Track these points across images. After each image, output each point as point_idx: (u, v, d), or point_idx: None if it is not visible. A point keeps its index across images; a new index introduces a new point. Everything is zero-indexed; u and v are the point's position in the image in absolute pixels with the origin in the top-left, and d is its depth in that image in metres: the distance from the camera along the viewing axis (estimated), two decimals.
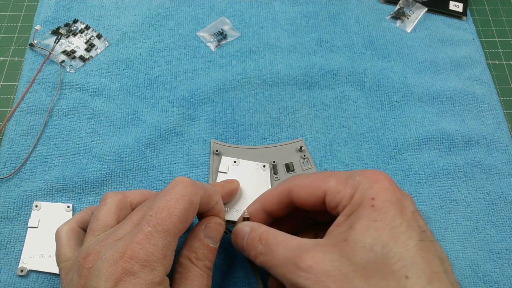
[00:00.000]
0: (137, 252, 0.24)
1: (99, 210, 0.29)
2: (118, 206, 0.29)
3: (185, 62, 0.44)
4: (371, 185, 0.26)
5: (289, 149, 0.40)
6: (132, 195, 0.30)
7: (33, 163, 0.38)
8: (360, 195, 0.26)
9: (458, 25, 0.49)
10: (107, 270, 0.24)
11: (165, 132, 0.40)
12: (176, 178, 0.27)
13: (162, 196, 0.26)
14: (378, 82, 0.44)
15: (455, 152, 0.40)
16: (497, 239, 0.36)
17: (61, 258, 0.28)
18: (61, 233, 0.29)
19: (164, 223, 0.25)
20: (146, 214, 0.25)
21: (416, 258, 0.23)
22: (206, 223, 0.30)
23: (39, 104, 0.41)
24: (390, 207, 0.25)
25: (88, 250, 0.25)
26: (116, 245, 0.25)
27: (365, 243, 0.23)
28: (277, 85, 0.43)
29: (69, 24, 0.45)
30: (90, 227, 0.28)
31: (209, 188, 0.29)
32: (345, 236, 0.24)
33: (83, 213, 0.31)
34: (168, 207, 0.25)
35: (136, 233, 0.25)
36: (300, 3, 0.49)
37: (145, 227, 0.25)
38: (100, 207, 0.29)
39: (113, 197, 0.29)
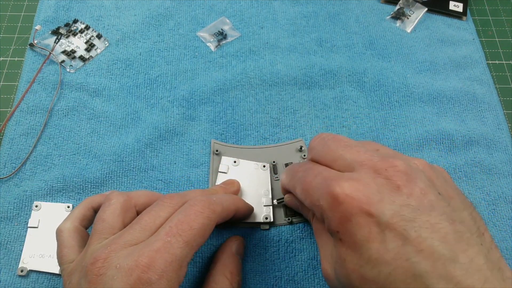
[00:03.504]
0: (154, 261, 0.24)
1: (104, 211, 0.28)
2: (123, 208, 0.28)
3: (185, 62, 0.44)
4: (333, 214, 0.24)
5: (289, 149, 0.40)
6: (136, 197, 0.30)
7: (33, 163, 0.38)
8: (327, 225, 0.25)
9: (458, 25, 0.49)
10: (122, 280, 0.23)
11: (165, 132, 0.40)
12: (195, 198, 0.28)
13: (182, 211, 0.26)
14: (378, 82, 0.44)
15: (455, 152, 0.40)
16: (497, 239, 0.36)
17: (64, 259, 0.28)
18: (63, 233, 0.29)
19: (185, 234, 0.25)
20: (165, 225, 0.26)
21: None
22: (235, 240, 0.31)
23: (39, 104, 0.41)
24: (355, 242, 0.23)
25: (96, 255, 0.25)
26: (131, 252, 0.24)
27: (344, 282, 0.24)
28: (277, 85, 0.43)
29: (69, 24, 0.45)
30: (95, 228, 0.27)
31: (226, 203, 0.29)
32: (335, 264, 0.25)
33: (83, 210, 0.31)
34: (188, 220, 0.26)
35: (153, 242, 0.25)
36: (300, 3, 0.49)
37: (164, 237, 0.25)
38: (105, 208, 0.28)
39: (118, 198, 0.29)
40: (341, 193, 0.23)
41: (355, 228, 0.22)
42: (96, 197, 0.32)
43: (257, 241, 0.36)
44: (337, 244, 0.24)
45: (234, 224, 0.36)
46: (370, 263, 0.22)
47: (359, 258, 0.22)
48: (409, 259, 0.21)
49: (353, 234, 0.23)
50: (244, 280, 0.34)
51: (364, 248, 0.22)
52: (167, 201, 0.28)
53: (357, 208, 0.23)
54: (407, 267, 0.21)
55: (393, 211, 0.22)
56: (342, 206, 0.23)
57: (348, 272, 0.23)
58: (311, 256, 0.35)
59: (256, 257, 0.35)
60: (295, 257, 0.35)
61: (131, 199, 0.29)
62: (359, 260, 0.22)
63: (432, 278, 0.20)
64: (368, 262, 0.22)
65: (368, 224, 0.22)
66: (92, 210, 0.31)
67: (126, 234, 0.26)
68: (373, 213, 0.22)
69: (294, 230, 0.36)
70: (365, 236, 0.22)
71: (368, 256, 0.22)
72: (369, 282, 0.22)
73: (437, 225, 0.22)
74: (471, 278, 0.20)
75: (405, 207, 0.22)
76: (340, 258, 0.23)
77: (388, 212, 0.22)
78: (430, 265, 0.21)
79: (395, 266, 0.21)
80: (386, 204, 0.22)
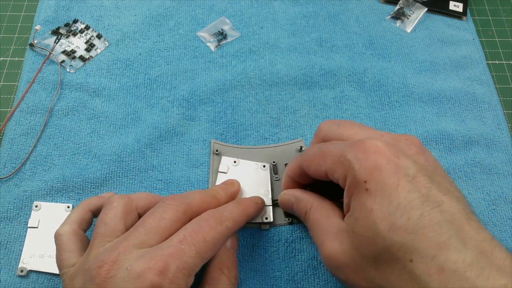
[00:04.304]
0: (167, 266, 0.24)
1: (106, 214, 0.28)
2: (125, 211, 0.28)
3: (185, 62, 0.44)
4: (361, 164, 0.25)
5: (289, 149, 0.40)
6: (137, 199, 0.30)
7: (33, 163, 0.38)
8: (352, 178, 0.25)
9: (458, 25, 0.49)
10: (133, 282, 0.23)
11: (165, 132, 0.40)
12: (207, 213, 0.28)
13: (195, 222, 0.27)
14: (378, 82, 0.44)
15: (455, 152, 0.40)
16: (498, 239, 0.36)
17: (64, 263, 0.27)
18: (63, 236, 0.29)
19: (198, 245, 0.25)
20: (179, 233, 0.26)
21: (416, 239, 0.22)
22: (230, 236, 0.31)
23: (39, 104, 0.41)
24: (384, 189, 0.24)
25: (103, 258, 0.25)
26: (143, 255, 0.24)
27: (368, 237, 0.24)
28: (277, 85, 0.43)
29: (69, 24, 0.45)
30: (97, 232, 0.27)
31: (237, 217, 0.30)
32: (353, 227, 0.25)
33: (80, 213, 0.30)
34: (202, 232, 0.26)
35: (165, 247, 0.25)
36: (300, 3, 0.49)
37: (177, 244, 0.25)
38: (107, 211, 0.28)
39: (119, 201, 0.28)
40: (372, 145, 0.25)
41: (385, 176, 0.24)
42: (94, 200, 0.32)
43: (257, 241, 0.36)
44: (362, 196, 0.24)
45: None
46: (399, 210, 0.23)
47: (388, 205, 0.23)
48: (434, 207, 0.23)
49: (382, 182, 0.24)
50: (244, 280, 0.34)
51: (393, 196, 0.23)
52: (170, 202, 0.28)
53: (387, 158, 0.24)
54: (434, 213, 0.23)
55: (416, 168, 0.24)
56: (373, 156, 0.25)
57: (375, 222, 0.23)
58: (311, 256, 0.35)
59: (256, 257, 0.35)
60: (295, 257, 0.35)
61: (132, 201, 0.29)
62: (388, 207, 0.23)
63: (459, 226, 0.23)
64: (397, 209, 0.23)
65: (397, 173, 0.24)
66: (90, 213, 0.31)
67: (132, 236, 0.26)
68: (402, 165, 0.24)
69: (294, 230, 0.36)
70: (395, 184, 0.24)
71: (397, 203, 0.23)
72: (398, 229, 0.23)
73: (449, 189, 0.25)
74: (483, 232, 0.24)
75: (425, 168, 0.25)
76: (366, 209, 0.24)
77: (414, 167, 0.24)
78: (451, 217, 0.23)
79: (422, 211, 0.23)
80: (411, 161, 0.25)
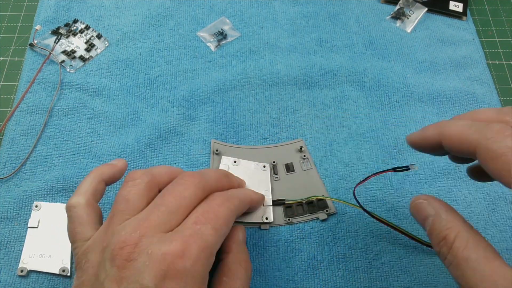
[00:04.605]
0: (188, 247, 0.23)
1: (128, 191, 0.26)
2: (148, 188, 0.27)
3: (185, 62, 0.44)
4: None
5: (289, 149, 0.40)
6: (159, 175, 0.29)
7: (33, 163, 0.38)
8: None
9: (458, 25, 0.49)
10: (155, 266, 0.23)
11: (165, 132, 0.40)
12: (214, 194, 0.28)
13: (204, 203, 0.27)
14: (378, 82, 0.44)
15: None
16: (498, 239, 0.36)
17: (78, 237, 0.26)
18: (76, 208, 0.27)
19: (213, 222, 0.25)
20: (191, 216, 0.26)
21: None
22: (239, 229, 0.31)
23: (39, 104, 0.41)
24: None
25: (124, 239, 0.24)
26: (162, 239, 0.24)
27: None
28: (277, 85, 0.43)
29: (69, 24, 0.45)
30: (117, 208, 0.26)
31: (242, 196, 0.31)
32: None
33: (93, 183, 0.29)
34: (213, 210, 0.26)
35: (183, 230, 0.25)
36: (300, 3, 0.49)
37: (193, 225, 0.25)
38: (129, 188, 0.27)
39: (143, 178, 0.27)
40: None
41: None
42: (106, 168, 0.30)
43: (257, 241, 0.36)
44: None
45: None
46: None
47: None
48: None
49: None
50: None
51: None
52: (189, 179, 0.27)
53: None
54: None
55: None
56: None
57: None
58: (311, 256, 0.35)
59: (256, 257, 0.35)
60: (295, 257, 0.35)
61: (155, 178, 0.28)
62: None
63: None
64: None
65: None
66: (103, 183, 0.30)
67: (153, 216, 0.25)
68: None
69: (294, 230, 0.36)
70: None
71: None
72: None
73: None
74: None
75: None
76: None
77: None
78: None
79: None
80: None
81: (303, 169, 0.39)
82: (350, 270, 0.35)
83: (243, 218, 0.36)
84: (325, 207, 0.37)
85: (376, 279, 0.35)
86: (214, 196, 0.28)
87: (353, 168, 0.39)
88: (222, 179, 0.30)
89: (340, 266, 0.35)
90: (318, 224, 0.37)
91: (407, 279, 0.35)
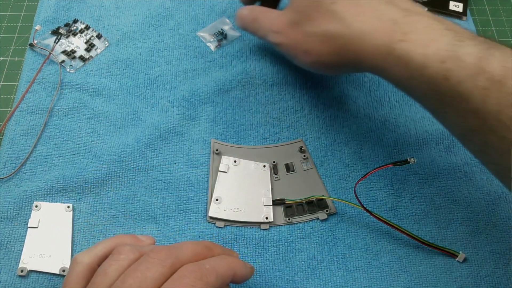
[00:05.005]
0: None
1: (109, 265, 0.26)
2: (130, 265, 0.26)
3: (185, 62, 0.44)
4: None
5: (289, 149, 0.40)
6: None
7: (33, 163, 0.38)
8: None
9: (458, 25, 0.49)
10: None
11: (165, 132, 0.40)
12: (185, 268, 0.25)
13: (170, 283, 0.24)
14: (378, 82, 0.44)
15: (455, 152, 0.40)
16: (498, 239, 0.36)
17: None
18: (79, 266, 0.27)
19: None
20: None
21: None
22: None
23: (39, 104, 0.41)
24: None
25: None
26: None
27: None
28: (278, 85, 0.43)
29: (69, 24, 0.45)
30: (94, 279, 0.25)
31: (221, 270, 0.26)
32: (291, 2, 0.35)
33: (108, 248, 0.28)
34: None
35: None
36: None
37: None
38: (112, 261, 0.26)
39: (128, 255, 0.26)
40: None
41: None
42: (129, 240, 0.29)
43: (257, 241, 0.36)
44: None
45: None
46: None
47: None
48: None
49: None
50: None
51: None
52: (155, 256, 0.25)
53: None
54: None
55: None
56: None
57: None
58: (311, 256, 0.35)
59: (256, 257, 0.35)
60: (295, 257, 0.35)
61: (141, 255, 0.26)
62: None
63: None
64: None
65: None
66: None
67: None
68: None
69: (294, 230, 0.36)
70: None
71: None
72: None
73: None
74: None
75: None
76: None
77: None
78: None
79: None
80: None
81: (303, 169, 0.39)
82: (350, 270, 0.35)
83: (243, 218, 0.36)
84: (325, 207, 0.37)
85: (376, 279, 0.35)
86: (185, 271, 0.24)
87: (353, 168, 0.39)
88: (200, 252, 0.27)
89: (340, 266, 0.35)
90: (318, 224, 0.37)
91: (407, 279, 0.35)
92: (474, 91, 0.26)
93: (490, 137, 0.26)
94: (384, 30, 0.29)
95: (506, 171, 0.27)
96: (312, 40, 0.33)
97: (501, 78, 0.25)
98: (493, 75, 0.25)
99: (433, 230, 0.37)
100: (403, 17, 0.30)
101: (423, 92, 0.29)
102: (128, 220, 0.36)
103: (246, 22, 0.40)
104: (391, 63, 0.29)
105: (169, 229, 0.36)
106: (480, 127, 0.26)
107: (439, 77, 0.27)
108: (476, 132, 0.27)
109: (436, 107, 0.29)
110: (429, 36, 0.28)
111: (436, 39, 0.28)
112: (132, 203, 0.37)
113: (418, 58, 0.28)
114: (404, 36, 0.29)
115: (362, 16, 0.31)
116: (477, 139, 0.27)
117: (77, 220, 0.36)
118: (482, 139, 0.27)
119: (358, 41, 0.30)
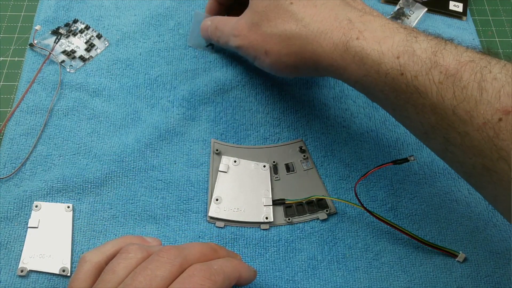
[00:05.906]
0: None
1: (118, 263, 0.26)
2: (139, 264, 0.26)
3: (185, 62, 0.44)
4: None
5: (290, 149, 0.40)
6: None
7: (33, 163, 0.38)
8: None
9: (458, 25, 0.49)
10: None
11: (165, 132, 0.40)
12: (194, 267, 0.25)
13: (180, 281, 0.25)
14: None
15: None
16: (498, 239, 0.36)
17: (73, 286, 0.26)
18: (86, 264, 0.27)
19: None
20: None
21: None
22: None
23: (39, 104, 0.41)
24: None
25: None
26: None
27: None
28: (278, 85, 0.43)
29: (69, 24, 0.45)
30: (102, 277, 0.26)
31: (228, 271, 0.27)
32: (250, 4, 0.35)
33: (116, 249, 0.28)
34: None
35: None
36: None
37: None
38: (120, 260, 0.26)
39: (136, 253, 0.26)
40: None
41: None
42: (136, 240, 0.30)
43: (257, 241, 0.36)
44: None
45: None
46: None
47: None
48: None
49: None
50: None
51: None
52: (164, 255, 0.25)
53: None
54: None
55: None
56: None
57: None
58: (311, 256, 0.35)
59: (256, 257, 0.35)
60: (295, 257, 0.35)
61: (149, 255, 0.27)
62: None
63: None
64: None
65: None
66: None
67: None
68: None
69: (294, 230, 0.36)
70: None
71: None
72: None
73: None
74: None
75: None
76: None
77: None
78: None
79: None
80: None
81: (303, 169, 0.39)
82: (350, 270, 0.35)
83: (243, 218, 0.36)
84: (325, 207, 0.37)
85: (376, 279, 0.35)
86: (195, 270, 0.25)
87: (353, 168, 0.39)
88: (207, 253, 0.28)
89: (340, 266, 0.35)
90: (318, 224, 0.37)
91: (407, 279, 0.35)
92: (430, 86, 0.26)
93: (451, 133, 0.26)
94: (340, 29, 0.30)
95: (470, 168, 0.26)
96: (272, 40, 0.33)
97: (455, 72, 0.25)
98: (448, 69, 0.26)
99: (433, 230, 0.37)
100: (359, 17, 0.30)
101: (380, 89, 0.29)
102: (128, 220, 0.36)
103: (209, 32, 0.41)
104: (348, 61, 0.30)
105: (169, 229, 0.36)
106: (440, 123, 0.26)
107: (395, 73, 0.27)
108: (436, 128, 0.27)
109: (395, 105, 0.29)
110: (384, 34, 0.29)
111: (391, 36, 0.28)
112: (132, 203, 0.37)
113: (373, 54, 0.28)
114: (360, 34, 0.29)
115: (319, 16, 0.31)
116: (439, 136, 0.27)
117: (77, 220, 0.36)
118: (443, 136, 0.27)
119: (316, 40, 0.31)
